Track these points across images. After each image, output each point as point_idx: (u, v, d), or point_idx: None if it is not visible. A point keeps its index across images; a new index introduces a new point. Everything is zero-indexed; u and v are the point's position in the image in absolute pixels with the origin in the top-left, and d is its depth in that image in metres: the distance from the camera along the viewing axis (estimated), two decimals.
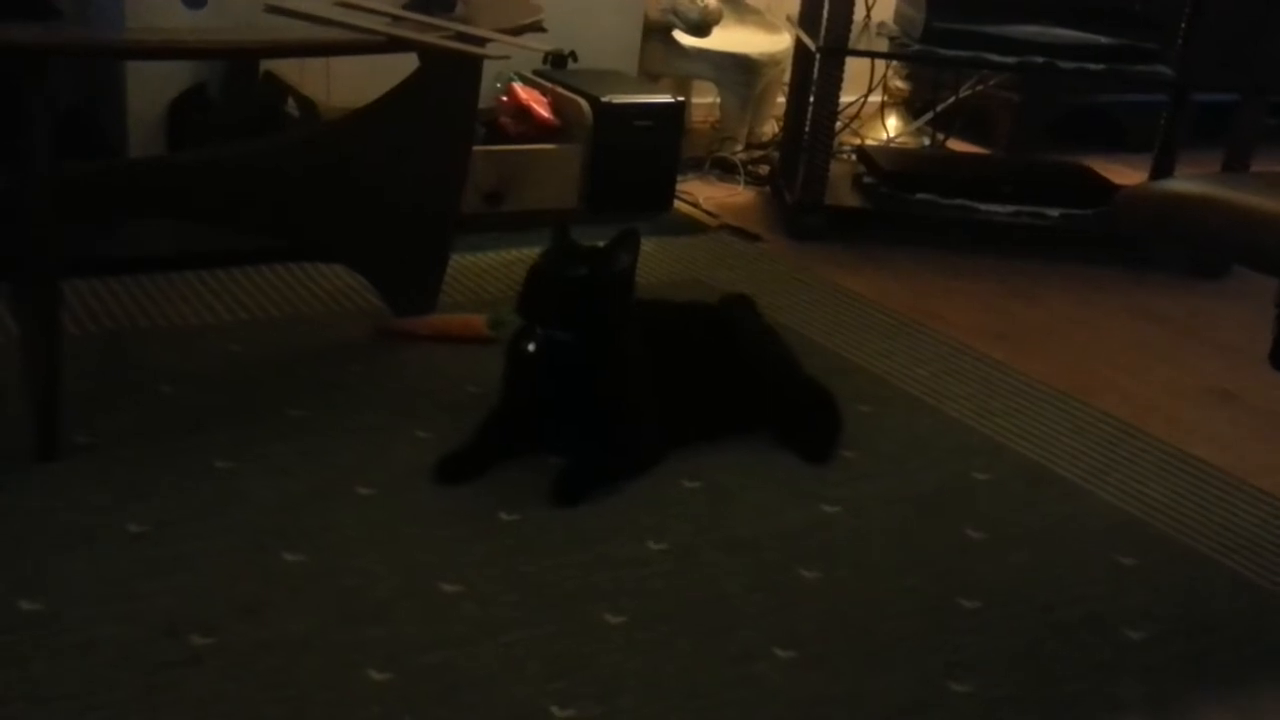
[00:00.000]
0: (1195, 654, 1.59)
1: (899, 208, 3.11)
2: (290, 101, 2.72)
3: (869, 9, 3.31)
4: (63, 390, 1.75)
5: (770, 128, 3.66)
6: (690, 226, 3.01)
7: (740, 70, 3.47)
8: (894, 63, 3.73)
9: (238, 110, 2.67)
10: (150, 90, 2.63)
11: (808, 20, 3.17)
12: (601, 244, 1.84)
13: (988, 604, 1.65)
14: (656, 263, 2.71)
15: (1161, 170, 3.15)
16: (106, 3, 1.79)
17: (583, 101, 2.88)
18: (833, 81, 2.95)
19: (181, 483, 1.72)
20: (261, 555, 1.59)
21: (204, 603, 1.48)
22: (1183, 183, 1.55)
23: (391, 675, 1.40)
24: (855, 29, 2.99)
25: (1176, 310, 2.83)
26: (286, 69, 2.74)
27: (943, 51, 3.04)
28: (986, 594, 1.66)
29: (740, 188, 3.35)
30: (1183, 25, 3.13)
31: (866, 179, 3.25)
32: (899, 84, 3.92)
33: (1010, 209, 3.11)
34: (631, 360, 1.87)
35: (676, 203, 3.09)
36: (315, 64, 2.73)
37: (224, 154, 2.17)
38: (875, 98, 3.77)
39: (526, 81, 2.95)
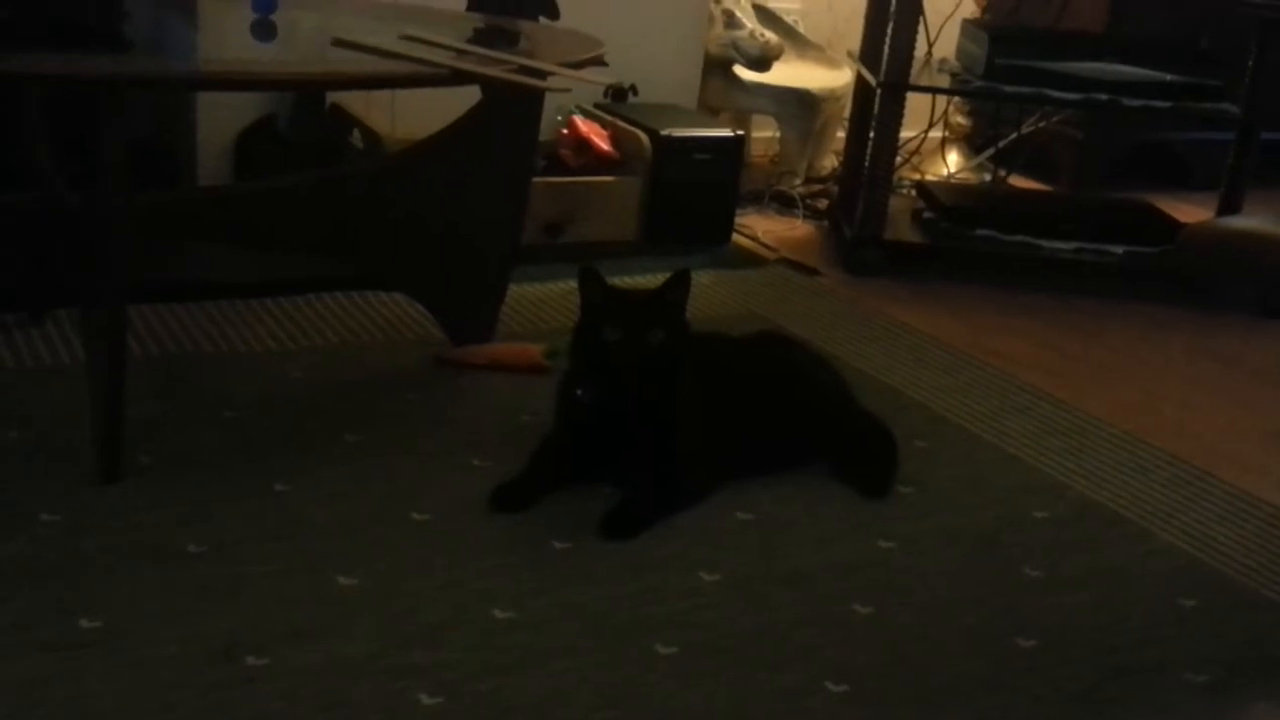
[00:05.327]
0: (1258, 700, 1.56)
1: (959, 243, 3.09)
2: (356, 133, 2.76)
3: (930, 44, 3.31)
4: (126, 413, 1.79)
5: (830, 162, 3.66)
6: (748, 260, 3.01)
7: (800, 105, 3.47)
8: (955, 98, 3.72)
9: (304, 141, 2.71)
10: (220, 120, 2.69)
11: (869, 55, 3.17)
12: (624, 282, 1.81)
13: (1046, 644, 1.62)
14: (714, 296, 2.71)
15: (1228, 208, 3.09)
16: (178, 34, 1.84)
17: (642, 135, 2.89)
18: (893, 116, 2.95)
19: (240, 505, 1.75)
20: (316, 578, 1.60)
21: (259, 624, 1.50)
22: (1249, 220, 1.53)
23: (442, 700, 1.40)
24: (916, 64, 2.99)
25: (1242, 350, 2.78)
26: (353, 101, 2.78)
27: (1005, 87, 3.03)
28: (1044, 634, 1.64)
29: (799, 222, 3.35)
30: (1249, 63, 3.10)
31: (926, 214, 3.24)
32: (960, 119, 3.91)
33: (1072, 246, 3.07)
34: (685, 395, 1.87)
35: (735, 236, 3.09)
36: (381, 96, 2.77)
37: (290, 184, 2.21)
38: (936, 133, 3.76)
39: (587, 114, 2.98)
